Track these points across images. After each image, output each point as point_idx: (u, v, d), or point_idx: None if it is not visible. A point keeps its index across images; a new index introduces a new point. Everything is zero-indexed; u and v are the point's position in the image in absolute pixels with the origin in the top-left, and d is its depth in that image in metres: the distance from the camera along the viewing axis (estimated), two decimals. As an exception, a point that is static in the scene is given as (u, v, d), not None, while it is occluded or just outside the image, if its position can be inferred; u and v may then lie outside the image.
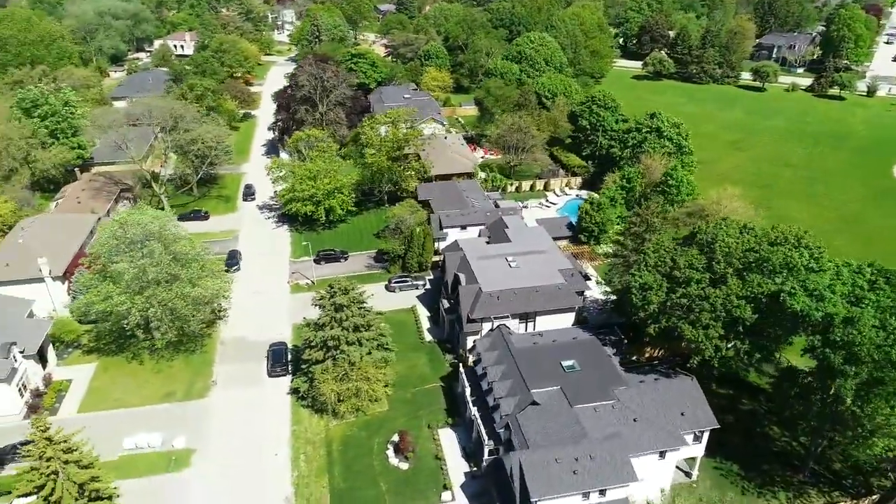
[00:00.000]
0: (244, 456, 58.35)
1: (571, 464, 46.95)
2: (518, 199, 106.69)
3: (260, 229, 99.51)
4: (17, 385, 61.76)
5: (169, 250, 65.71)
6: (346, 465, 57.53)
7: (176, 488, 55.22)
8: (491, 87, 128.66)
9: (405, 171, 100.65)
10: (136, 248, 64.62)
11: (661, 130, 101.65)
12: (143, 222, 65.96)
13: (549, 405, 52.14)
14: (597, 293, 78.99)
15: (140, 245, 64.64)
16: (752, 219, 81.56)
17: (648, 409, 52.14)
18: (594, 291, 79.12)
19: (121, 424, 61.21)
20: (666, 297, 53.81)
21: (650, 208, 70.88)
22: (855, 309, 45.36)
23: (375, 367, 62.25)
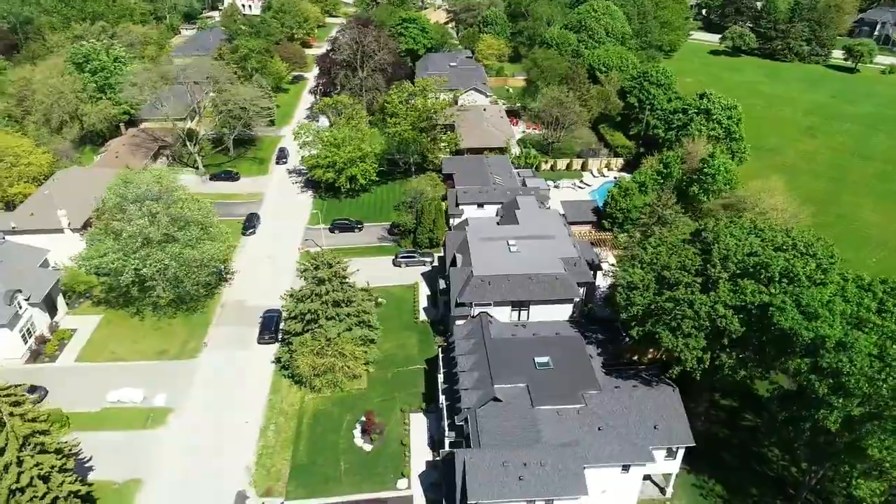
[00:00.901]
0: (217, 420, 58.98)
1: (519, 469, 44.11)
2: (551, 178, 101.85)
3: (285, 194, 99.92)
4: (21, 331, 64.87)
5: (167, 212, 66.47)
6: (312, 440, 57.09)
7: (147, 445, 56.58)
8: (538, 58, 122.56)
9: (432, 143, 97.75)
10: (136, 207, 65.70)
11: (710, 112, 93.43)
12: (143, 182, 66.94)
13: (511, 403, 49.26)
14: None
15: (139, 205, 65.67)
16: (795, 216, 74.29)
17: (618, 417, 48.26)
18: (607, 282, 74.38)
19: (110, 377, 63.26)
20: (652, 300, 49.16)
21: (661, 199, 65.06)
22: (852, 332, 39.51)
23: (354, 344, 61.05)
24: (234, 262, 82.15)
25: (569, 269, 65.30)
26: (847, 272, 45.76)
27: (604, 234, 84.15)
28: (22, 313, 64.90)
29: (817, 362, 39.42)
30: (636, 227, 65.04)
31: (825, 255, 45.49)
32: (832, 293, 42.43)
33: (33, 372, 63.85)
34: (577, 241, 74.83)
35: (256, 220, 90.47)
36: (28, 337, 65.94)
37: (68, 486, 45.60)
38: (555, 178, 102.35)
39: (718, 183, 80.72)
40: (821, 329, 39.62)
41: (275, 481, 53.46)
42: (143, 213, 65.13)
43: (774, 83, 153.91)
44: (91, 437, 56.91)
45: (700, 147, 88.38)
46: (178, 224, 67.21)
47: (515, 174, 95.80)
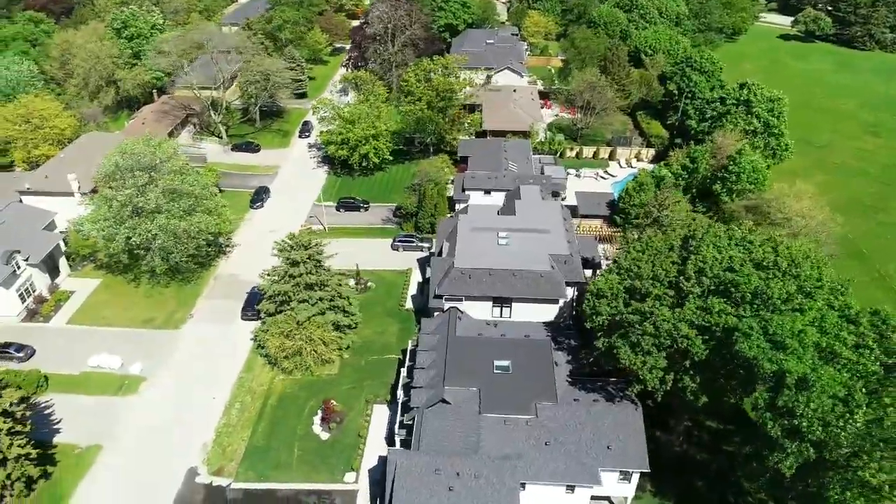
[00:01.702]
0: (187, 393, 59.42)
1: (451, 478, 42.00)
2: (574, 166, 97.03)
3: (301, 168, 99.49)
4: (19, 290, 67.22)
5: (158, 183, 66.82)
6: (272, 423, 56.67)
7: (116, 412, 57.65)
8: (576, 38, 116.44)
9: (450, 123, 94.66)
10: (128, 176, 66.34)
11: (749, 104, 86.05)
12: (137, 152, 67.42)
13: (460, 407, 46.96)
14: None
15: (131, 174, 66.27)
16: (823, 224, 67.65)
17: (570, 433, 45.17)
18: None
19: (96, 341, 64.76)
20: (617, 310, 45.37)
21: (658, 197, 60.09)
22: (821, 369, 34.83)
23: (325, 329, 59.95)
24: (237, 236, 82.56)
25: (558, 267, 61.67)
26: (836, 298, 40.51)
27: (615, 231, 79.36)
28: (20, 273, 67.16)
29: (775, 399, 35.11)
30: (632, 227, 60.50)
31: (810, 276, 40.37)
32: (808, 321, 37.58)
33: (26, 330, 66.18)
34: (578, 237, 71.08)
35: (265, 193, 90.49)
36: (26, 296, 68.29)
37: (17, 449, 46.72)
38: (579, 166, 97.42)
39: (743, 182, 74.39)
40: (785, 362, 35.17)
41: (228, 461, 53.39)
42: (133, 183, 65.68)
43: (843, 73, 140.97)
44: (66, 400, 58.74)
45: (732, 141, 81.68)
46: (169, 196, 67.46)
47: (534, 160, 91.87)
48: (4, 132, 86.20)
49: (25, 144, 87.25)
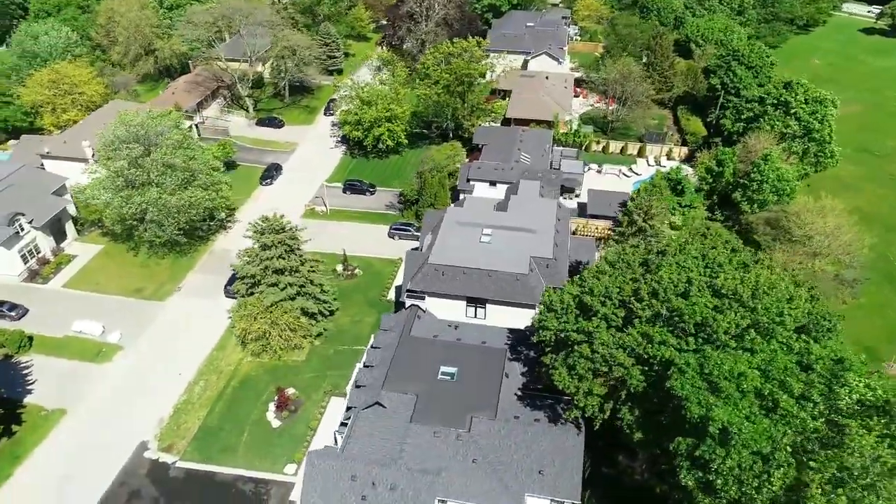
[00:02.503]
0: (156, 367, 60.18)
1: (366, 486, 40.46)
2: (599, 161, 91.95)
3: (319, 147, 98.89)
4: (21, 251, 69.88)
5: (152, 157, 67.45)
6: (229, 405, 56.64)
7: (87, 378, 59.10)
8: (618, 24, 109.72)
9: (469, 109, 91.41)
10: (123, 147, 67.30)
11: (788, 105, 78.45)
12: (136, 123, 68.18)
13: (395, 413, 45.06)
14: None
15: (125, 146, 67.19)
16: (848, 245, 61.10)
17: (502, 452, 42.48)
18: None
19: (84, 307, 66.60)
20: (563, 327, 41.99)
21: (641, 206, 55.31)
22: (760, 421, 30.65)
23: (293, 315, 59.19)
24: (241, 212, 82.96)
25: (539, 271, 58.29)
26: (800, 339, 35.69)
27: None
28: (23, 235, 69.76)
29: (696, 447, 31.35)
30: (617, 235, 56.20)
31: (771, 310, 35.64)
32: (756, 363, 33.23)
33: (24, 290, 68.87)
34: (576, 239, 67.23)
35: (277, 170, 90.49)
36: (29, 257, 70.97)
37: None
38: (604, 161, 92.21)
39: (765, 192, 68.01)
40: (714, 407, 31.24)
41: (179, 438, 53.77)
42: (127, 155, 66.59)
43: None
44: (46, 362, 60.74)
45: (764, 145, 74.89)
46: (162, 169, 68.03)
47: (556, 153, 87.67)
48: (36, 96, 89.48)
49: (55, 109, 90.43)
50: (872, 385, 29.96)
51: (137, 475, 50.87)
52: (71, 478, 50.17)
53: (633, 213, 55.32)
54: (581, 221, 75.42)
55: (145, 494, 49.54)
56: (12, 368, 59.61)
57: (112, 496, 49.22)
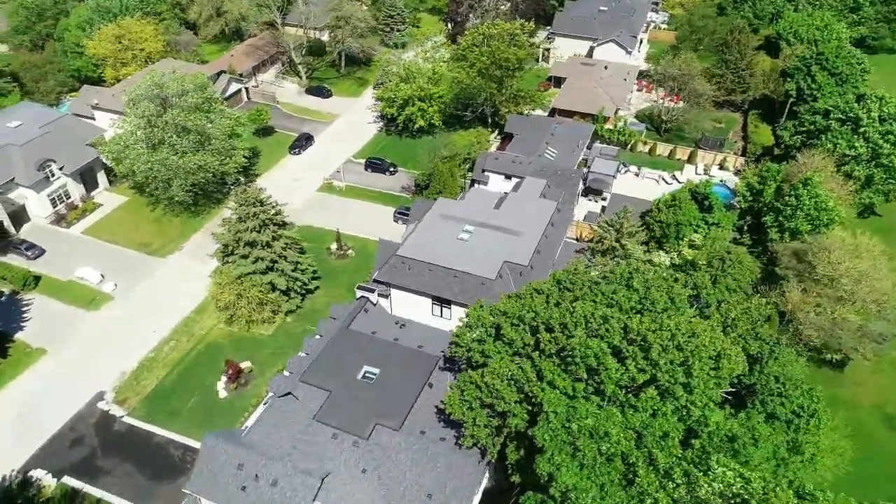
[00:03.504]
0: (136, 321, 62.41)
1: (249, 478, 39.70)
2: (641, 163, 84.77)
3: (358, 120, 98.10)
4: (51, 195, 74.71)
5: (163, 117, 69.21)
6: (189, 369, 57.84)
7: (75, 323, 62.42)
8: (694, 15, 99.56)
9: (505, 95, 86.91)
10: (142, 105, 69.55)
11: (858, 122, 67.90)
12: (158, 83, 70.11)
13: (303, 406, 43.81)
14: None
15: (142, 105, 69.36)
16: (884, 296, 52.43)
17: (395, 467, 40.13)
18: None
19: (91, 254, 70.38)
20: (475, 346, 38.61)
21: (613, 224, 49.42)
22: (617, 494, 26.35)
23: (260, 289, 59.22)
24: (263, 178, 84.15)
25: (510, 277, 54.55)
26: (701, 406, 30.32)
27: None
28: (53, 180, 74.47)
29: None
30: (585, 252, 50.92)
31: (676, 369, 30.43)
32: (634, 424, 28.58)
33: (47, 232, 73.73)
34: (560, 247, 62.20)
35: (308, 140, 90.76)
36: (58, 202, 75.79)
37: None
38: (645, 163, 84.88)
39: (798, 220, 59.51)
40: (560, 468, 27.29)
41: (134, 394, 55.62)
42: (142, 113, 68.81)
43: None
44: (45, 302, 64.85)
45: (817, 165, 65.57)
46: (174, 130, 69.67)
47: (587, 149, 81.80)
48: (101, 49, 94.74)
49: (115, 63, 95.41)
50: (747, 476, 24.73)
51: (86, 423, 53.22)
52: (26, 416, 53.34)
53: (603, 231, 49.73)
54: (590, 227, 69.74)
55: (87, 442, 51.76)
56: (14, 304, 64.13)
57: (58, 438, 51.82)
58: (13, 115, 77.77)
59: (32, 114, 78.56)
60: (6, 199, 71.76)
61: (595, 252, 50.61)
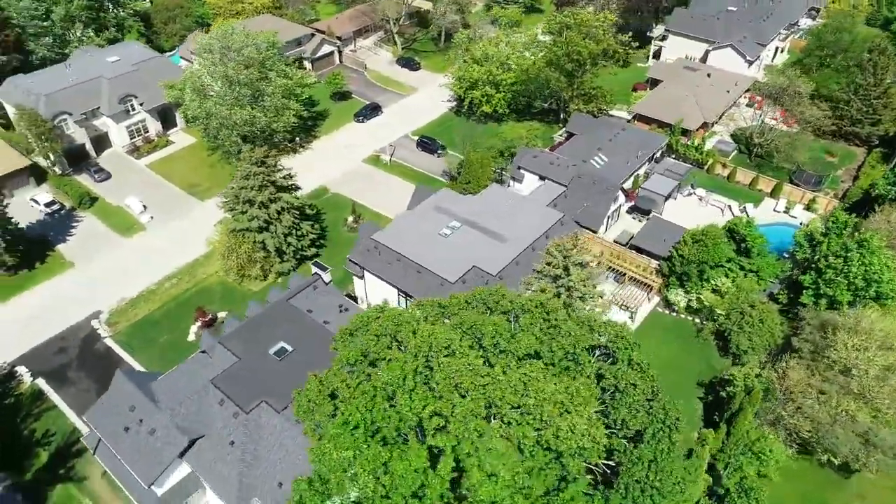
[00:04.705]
0: (155, 254, 67.31)
1: (133, 422, 41.53)
2: (712, 186, 75.10)
3: (433, 97, 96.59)
4: (130, 127, 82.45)
5: (218, 69, 72.83)
6: (177, 308, 61.42)
7: (107, 244, 68.88)
8: (825, 29, 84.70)
9: (575, 91, 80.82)
10: (203, 56, 73.79)
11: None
12: (218, 34, 73.82)
13: (213, 366, 44.74)
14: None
15: (206, 56, 73.46)
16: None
17: (261, 448, 39.85)
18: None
19: (144, 186, 76.96)
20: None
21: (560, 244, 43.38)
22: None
23: (250, 245, 61.12)
24: (322, 140, 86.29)
25: (473, 284, 51.34)
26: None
27: (655, 279, 60.99)
28: (133, 114, 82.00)
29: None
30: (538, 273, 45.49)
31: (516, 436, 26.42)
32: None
33: (120, 159, 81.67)
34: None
35: (374, 110, 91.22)
36: (136, 134, 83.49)
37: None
38: (719, 188, 74.98)
39: (839, 287, 49.46)
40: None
41: (125, 321, 60.40)
42: (201, 63, 73.05)
43: None
44: (92, 221, 72.30)
45: (893, 227, 54.00)
46: (226, 82, 73.18)
47: (644, 161, 74.02)
48: (215, 1, 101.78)
49: (225, 13, 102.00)
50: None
51: (76, 336, 58.87)
52: (35, 318, 60.09)
53: (553, 255, 44.03)
54: (612, 250, 63.36)
55: (69, 353, 57.35)
56: (67, 219, 72.15)
57: (48, 344, 57.91)
58: (115, 52, 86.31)
59: (131, 52, 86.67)
60: (91, 125, 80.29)
61: (543, 275, 45.57)
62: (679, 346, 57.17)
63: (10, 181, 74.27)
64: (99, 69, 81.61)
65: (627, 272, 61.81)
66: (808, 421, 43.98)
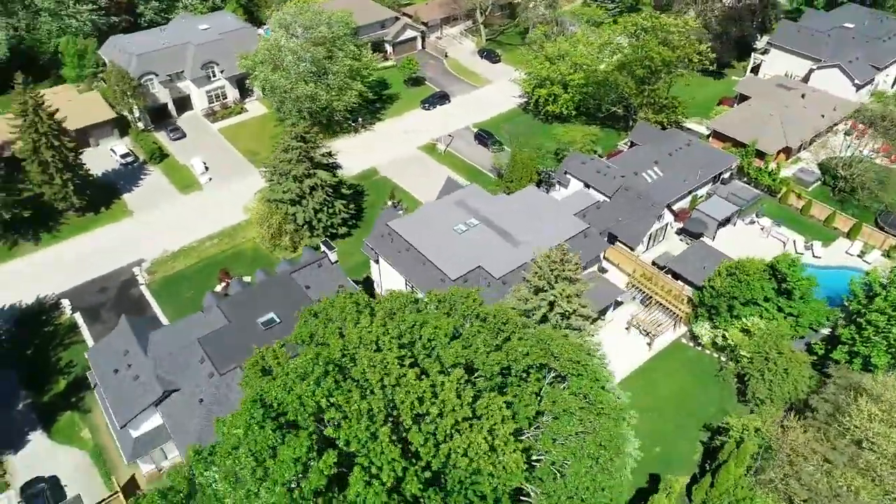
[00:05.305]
0: (205, 214, 70.99)
1: (122, 365, 44.42)
2: (780, 217, 68.67)
3: (505, 90, 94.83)
4: (209, 92, 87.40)
5: (286, 45, 75.21)
6: (208, 267, 64.10)
7: (167, 200, 73.51)
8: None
9: (644, 99, 76.37)
10: (276, 30, 76.54)
11: None
12: (293, 11, 76.16)
13: (205, 325, 46.84)
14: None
15: (282, 30, 76.11)
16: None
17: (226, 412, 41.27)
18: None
19: (211, 147, 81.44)
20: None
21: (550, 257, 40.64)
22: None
23: (281, 216, 63.13)
24: (386, 123, 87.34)
25: (472, 284, 50.34)
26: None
27: (682, 307, 56.78)
28: (213, 80, 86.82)
29: None
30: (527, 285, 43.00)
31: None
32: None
33: (197, 121, 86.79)
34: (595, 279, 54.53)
35: (441, 98, 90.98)
36: (214, 100, 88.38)
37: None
38: (788, 220, 68.42)
39: (875, 348, 43.85)
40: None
41: (162, 272, 64.44)
42: (274, 37, 75.86)
43: None
44: (157, 176, 77.51)
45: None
46: (290, 57, 75.46)
47: (703, 181, 69.03)
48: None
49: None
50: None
51: (117, 279, 63.53)
52: (89, 256, 65.45)
53: (538, 266, 41.28)
54: (644, 270, 59.66)
55: (108, 294, 62.02)
56: (138, 171, 77.80)
57: (93, 283, 62.75)
58: (208, 20, 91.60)
59: (223, 22, 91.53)
60: (174, 86, 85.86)
61: (531, 286, 43.23)
62: (695, 383, 53.12)
63: (97, 131, 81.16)
64: (189, 35, 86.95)
65: (655, 296, 58.04)
66: (804, 489, 39.45)
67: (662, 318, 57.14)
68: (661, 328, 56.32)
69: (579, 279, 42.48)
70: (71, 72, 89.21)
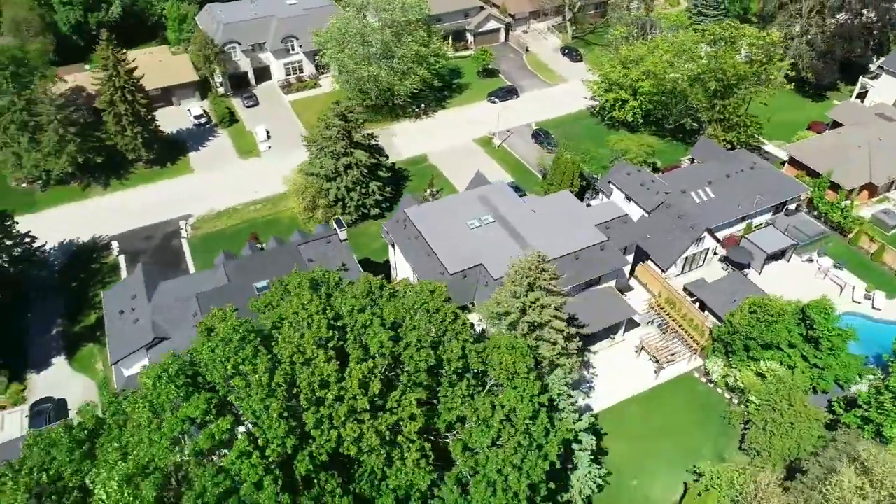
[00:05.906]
0: (258, 179, 74.03)
1: (128, 308, 47.73)
2: (844, 260, 62.13)
3: (578, 91, 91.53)
4: (287, 66, 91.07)
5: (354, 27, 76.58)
6: (245, 229, 66.75)
7: (228, 163, 77.54)
8: None
9: (713, 115, 71.22)
10: (352, 12, 78.21)
11: None
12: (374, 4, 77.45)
13: (211, 282, 49.31)
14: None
15: (355, 12, 77.74)
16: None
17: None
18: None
19: (278, 118, 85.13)
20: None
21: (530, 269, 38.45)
22: None
23: (315, 189, 64.90)
24: (448, 111, 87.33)
25: (470, 281, 49.73)
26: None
27: (699, 339, 52.81)
28: (292, 54, 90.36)
29: None
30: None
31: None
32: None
33: (271, 92, 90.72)
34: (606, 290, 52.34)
35: (509, 93, 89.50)
36: (291, 73, 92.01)
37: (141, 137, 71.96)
38: (854, 264, 61.76)
39: (889, 417, 38.83)
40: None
41: (206, 228, 68.30)
42: (346, 17, 77.63)
43: None
44: (222, 139, 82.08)
45: None
46: (360, 38, 76.92)
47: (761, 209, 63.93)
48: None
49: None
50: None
51: (163, 230, 68.07)
52: (146, 206, 70.52)
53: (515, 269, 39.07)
54: (669, 295, 56.06)
55: (153, 242, 66.64)
56: (207, 132, 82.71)
57: (143, 230, 67.61)
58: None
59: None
60: (255, 56, 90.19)
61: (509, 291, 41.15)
62: (696, 421, 49.55)
63: (180, 91, 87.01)
64: (275, 9, 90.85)
65: (673, 322, 54.50)
66: (770, 554, 35.90)
67: (677, 348, 53.59)
68: (673, 357, 52.87)
69: (558, 291, 40.53)
70: (172, 35, 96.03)
